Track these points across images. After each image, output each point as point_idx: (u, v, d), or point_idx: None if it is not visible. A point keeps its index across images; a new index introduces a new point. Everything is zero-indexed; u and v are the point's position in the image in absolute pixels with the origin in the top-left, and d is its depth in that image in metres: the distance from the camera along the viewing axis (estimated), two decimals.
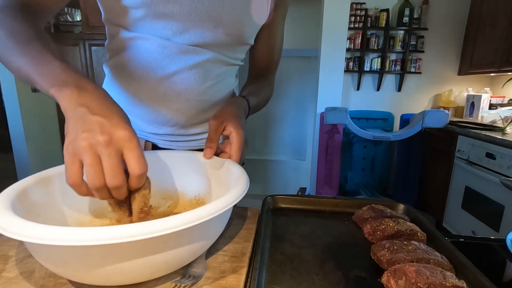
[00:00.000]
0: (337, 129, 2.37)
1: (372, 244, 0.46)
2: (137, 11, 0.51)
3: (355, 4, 2.56)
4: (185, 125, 0.64)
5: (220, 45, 0.59)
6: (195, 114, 0.63)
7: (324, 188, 2.48)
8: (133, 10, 0.51)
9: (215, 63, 0.61)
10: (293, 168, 3.59)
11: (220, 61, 0.61)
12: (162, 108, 0.61)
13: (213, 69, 0.61)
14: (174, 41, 0.55)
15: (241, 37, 0.61)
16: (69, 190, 0.47)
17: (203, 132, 0.67)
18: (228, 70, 0.65)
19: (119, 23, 0.55)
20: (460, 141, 2.04)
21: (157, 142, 0.65)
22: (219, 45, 0.59)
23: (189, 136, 0.66)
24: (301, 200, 0.61)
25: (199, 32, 0.55)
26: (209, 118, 0.57)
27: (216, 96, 0.65)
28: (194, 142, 0.68)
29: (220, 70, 0.62)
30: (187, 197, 0.55)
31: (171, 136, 0.65)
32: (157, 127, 0.63)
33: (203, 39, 0.56)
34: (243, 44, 0.64)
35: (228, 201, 0.36)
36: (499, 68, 2.11)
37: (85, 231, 0.27)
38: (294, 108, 3.54)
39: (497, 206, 1.69)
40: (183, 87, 0.59)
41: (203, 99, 0.62)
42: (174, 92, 0.59)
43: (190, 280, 0.37)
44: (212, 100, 0.64)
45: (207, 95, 0.62)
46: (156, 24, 0.53)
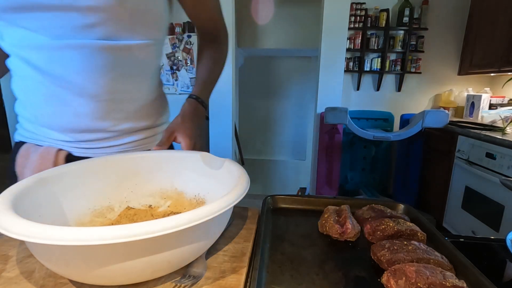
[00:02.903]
0: (337, 129, 2.37)
1: (372, 244, 0.46)
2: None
3: (355, 4, 2.56)
4: (96, 129, 0.57)
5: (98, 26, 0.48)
6: (104, 117, 0.56)
7: (324, 188, 2.48)
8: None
9: (101, 55, 0.51)
10: (293, 168, 3.59)
11: (108, 50, 0.51)
12: (62, 114, 0.54)
13: (106, 60, 0.52)
14: (45, 39, 0.48)
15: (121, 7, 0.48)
16: (68, 190, 0.47)
17: (123, 135, 0.61)
18: (132, 54, 0.55)
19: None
20: (460, 141, 2.04)
21: (71, 150, 0.58)
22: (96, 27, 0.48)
23: (105, 141, 0.59)
24: (301, 200, 0.61)
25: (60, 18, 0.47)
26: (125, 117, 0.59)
27: (124, 92, 0.57)
28: (115, 148, 0.61)
29: (118, 58, 0.53)
30: (187, 197, 0.55)
31: (83, 142, 0.58)
32: (66, 134, 0.57)
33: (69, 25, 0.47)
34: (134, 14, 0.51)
35: (229, 201, 0.36)
36: (499, 68, 2.11)
37: (87, 230, 0.28)
38: (294, 108, 3.54)
39: (497, 206, 1.68)
40: (74, 90, 0.52)
41: (105, 99, 0.55)
42: (66, 96, 0.53)
43: (190, 280, 0.37)
44: (120, 97, 0.57)
45: (109, 93, 0.54)
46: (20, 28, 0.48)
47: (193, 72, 2.37)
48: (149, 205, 0.54)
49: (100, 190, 0.51)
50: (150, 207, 0.54)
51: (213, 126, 2.49)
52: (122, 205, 0.53)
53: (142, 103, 0.62)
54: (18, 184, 0.40)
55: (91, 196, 0.50)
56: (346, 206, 0.55)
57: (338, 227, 0.49)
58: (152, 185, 0.56)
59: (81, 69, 0.51)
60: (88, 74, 0.52)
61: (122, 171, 0.55)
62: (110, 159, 0.54)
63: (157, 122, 0.67)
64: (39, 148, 0.56)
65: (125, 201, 0.54)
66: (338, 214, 0.53)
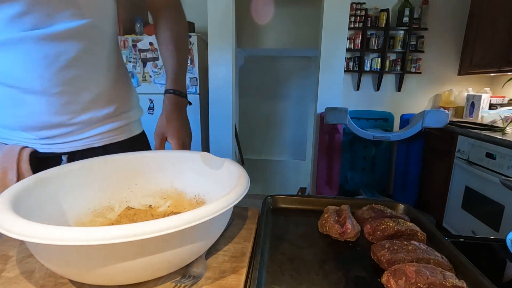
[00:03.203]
0: (337, 129, 2.37)
1: (372, 244, 0.46)
2: None
3: (355, 4, 2.56)
4: (55, 125, 0.56)
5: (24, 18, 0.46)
6: (59, 111, 0.54)
7: (324, 188, 2.48)
8: None
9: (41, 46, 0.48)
10: (293, 168, 3.59)
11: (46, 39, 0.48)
12: (18, 114, 0.53)
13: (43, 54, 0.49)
14: None
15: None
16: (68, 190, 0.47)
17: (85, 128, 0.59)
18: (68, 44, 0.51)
19: None
20: (460, 141, 2.04)
21: (36, 147, 0.57)
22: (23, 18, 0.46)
23: (67, 136, 0.58)
24: (301, 200, 0.61)
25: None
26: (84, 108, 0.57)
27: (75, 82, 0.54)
28: (79, 142, 0.59)
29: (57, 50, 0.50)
30: (187, 197, 0.55)
31: (46, 139, 0.57)
32: (28, 133, 0.56)
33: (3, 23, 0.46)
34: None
35: (229, 201, 0.36)
36: (499, 68, 2.11)
37: (88, 230, 0.28)
38: (294, 108, 3.54)
39: (497, 206, 1.68)
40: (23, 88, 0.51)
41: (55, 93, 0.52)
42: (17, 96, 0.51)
43: (190, 280, 0.37)
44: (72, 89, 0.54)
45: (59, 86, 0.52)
46: None
47: (193, 72, 2.37)
48: (149, 205, 0.54)
49: (100, 190, 0.51)
50: (150, 207, 0.54)
51: (213, 126, 2.49)
52: (122, 205, 0.53)
53: (98, 91, 0.58)
54: (18, 184, 0.40)
55: (91, 196, 0.50)
56: (346, 206, 0.55)
57: (338, 227, 0.49)
58: (152, 185, 0.56)
59: (23, 64, 0.49)
60: (32, 69, 0.50)
61: (122, 171, 0.55)
62: (110, 159, 0.54)
63: (122, 109, 0.64)
64: (4, 147, 0.56)
65: (125, 201, 0.54)
66: (338, 214, 0.53)
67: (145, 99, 2.44)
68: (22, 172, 0.54)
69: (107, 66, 0.60)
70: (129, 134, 0.68)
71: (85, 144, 0.60)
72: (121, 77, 0.65)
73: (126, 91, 0.66)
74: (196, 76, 2.38)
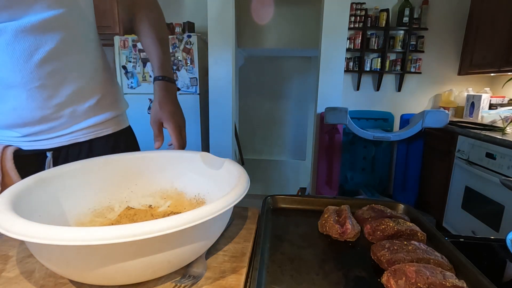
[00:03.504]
0: (337, 129, 2.37)
1: (372, 244, 0.46)
2: None
3: (355, 4, 2.56)
4: (38, 120, 0.54)
5: (8, 7, 0.45)
6: (40, 105, 0.53)
7: (324, 188, 2.48)
8: None
9: (19, 38, 0.48)
10: (293, 168, 3.59)
11: (24, 32, 0.47)
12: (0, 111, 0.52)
13: (22, 47, 0.48)
14: None
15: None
16: (68, 190, 0.47)
17: (69, 123, 0.58)
18: (45, 35, 0.50)
19: None
20: (460, 141, 2.04)
21: (20, 145, 0.56)
22: (8, 8, 0.45)
23: (52, 132, 0.57)
24: (301, 200, 0.61)
25: None
26: (66, 101, 0.56)
27: (55, 76, 0.53)
28: (64, 137, 0.58)
29: (35, 42, 0.49)
30: (187, 197, 0.55)
31: (30, 136, 0.56)
32: (11, 130, 0.55)
33: None
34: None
35: (229, 201, 0.36)
36: (499, 68, 2.11)
37: (87, 230, 0.28)
38: (294, 108, 3.54)
39: (497, 206, 1.69)
40: (2, 83, 0.50)
41: (36, 86, 0.51)
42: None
43: (190, 280, 0.37)
44: (53, 82, 0.53)
45: (39, 79, 0.51)
46: None
47: (193, 72, 2.37)
48: (149, 205, 0.54)
49: (100, 190, 0.51)
50: (150, 207, 0.54)
51: (213, 126, 2.49)
52: (122, 205, 0.53)
53: (79, 84, 0.58)
54: (18, 184, 0.40)
55: (91, 196, 0.50)
56: (346, 206, 0.55)
57: (338, 227, 0.49)
58: (152, 185, 0.56)
59: (2, 58, 0.48)
60: (11, 62, 0.49)
61: (122, 171, 0.55)
62: (110, 159, 0.54)
63: (106, 100, 0.63)
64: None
65: (125, 201, 0.54)
66: (338, 214, 0.53)
67: (145, 99, 2.44)
68: (6, 171, 0.53)
69: (88, 57, 0.59)
70: (116, 128, 0.67)
71: (70, 139, 0.59)
72: (103, 68, 0.64)
73: (108, 82, 0.65)
74: (196, 76, 2.38)
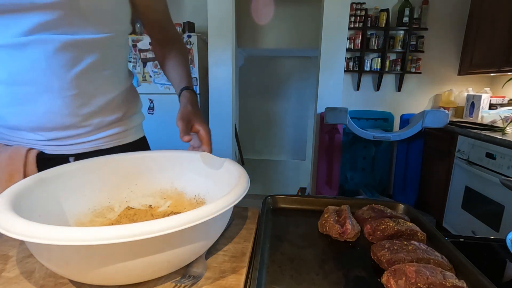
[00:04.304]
0: (337, 129, 2.37)
1: (372, 244, 0.46)
2: None
3: (355, 4, 2.56)
4: (66, 126, 0.56)
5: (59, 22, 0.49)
6: (73, 111, 0.56)
7: (324, 188, 2.48)
8: None
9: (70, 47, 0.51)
10: (293, 168, 3.59)
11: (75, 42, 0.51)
12: (29, 113, 0.54)
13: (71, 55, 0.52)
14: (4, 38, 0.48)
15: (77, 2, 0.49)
16: (68, 190, 0.47)
17: (95, 130, 0.60)
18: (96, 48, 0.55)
19: None
20: (460, 141, 2.04)
21: (42, 148, 0.57)
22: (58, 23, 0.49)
23: (77, 138, 0.59)
24: (301, 200, 0.61)
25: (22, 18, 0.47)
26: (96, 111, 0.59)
27: (92, 83, 0.57)
28: (88, 144, 0.61)
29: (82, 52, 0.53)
30: (187, 197, 0.55)
31: (55, 140, 0.57)
32: (36, 133, 0.56)
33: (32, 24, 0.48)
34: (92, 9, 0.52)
35: (229, 201, 0.36)
36: (499, 68, 2.11)
37: (87, 230, 0.28)
38: (294, 108, 3.54)
39: (497, 206, 1.69)
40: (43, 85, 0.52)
41: (75, 92, 0.54)
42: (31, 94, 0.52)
43: (190, 280, 0.37)
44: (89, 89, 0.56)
45: (78, 86, 0.54)
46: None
47: (193, 72, 2.37)
48: (149, 205, 0.54)
49: (100, 190, 0.51)
50: (150, 207, 0.54)
51: (213, 126, 2.49)
52: (122, 205, 0.53)
53: (111, 96, 0.61)
54: (18, 184, 0.40)
55: (91, 196, 0.50)
56: (346, 206, 0.55)
57: (338, 227, 0.49)
58: (152, 185, 0.56)
59: (45, 65, 0.51)
60: (53, 70, 0.51)
61: (122, 171, 0.55)
62: (110, 159, 0.54)
63: (127, 114, 0.66)
64: (8, 148, 0.55)
65: (125, 201, 0.54)
66: (338, 214, 0.53)
67: (145, 99, 2.44)
68: (28, 174, 0.54)
69: (120, 73, 0.64)
70: (134, 137, 0.70)
71: (93, 146, 0.62)
72: (130, 84, 0.69)
73: (133, 96, 0.70)
74: (196, 76, 2.38)
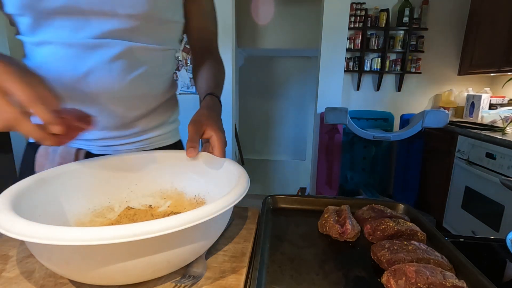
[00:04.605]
0: (337, 129, 2.38)
1: (372, 244, 0.46)
2: (24, 17, 0.47)
3: (355, 4, 2.56)
4: (116, 126, 0.58)
5: (132, 31, 0.52)
6: (125, 113, 0.58)
7: (324, 188, 2.48)
8: (20, 17, 0.48)
9: (134, 53, 0.54)
10: (293, 168, 3.59)
11: (140, 49, 0.55)
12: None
13: (133, 60, 0.55)
14: (77, 38, 0.50)
15: (154, 17, 0.53)
16: (68, 190, 0.47)
17: (143, 131, 0.63)
18: (155, 57, 0.58)
19: (17, 32, 0.51)
20: (460, 141, 2.04)
21: (90, 148, 0.59)
22: (131, 31, 0.52)
23: (125, 138, 0.61)
24: (301, 200, 0.61)
25: (99, 22, 0.49)
26: (143, 113, 0.61)
27: (145, 89, 0.59)
28: (133, 144, 0.62)
29: (142, 59, 0.56)
30: (187, 197, 0.55)
31: (104, 140, 0.59)
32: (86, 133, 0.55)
33: (106, 28, 0.50)
34: (163, 23, 0.56)
35: (229, 201, 0.36)
36: (499, 68, 2.11)
37: (87, 230, 0.27)
38: (294, 108, 3.54)
39: (497, 206, 1.69)
40: (102, 86, 0.53)
41: (129, 95, 0.56)
42: (92, 93, 0.53)
43: (190, 280, 0.37)
44: (142, 93, 0.58)
45: (133, 90, 0.56)
46: (51, 25, 0.48)
47: None
48: (149, 205, 0.54)
49: (100, 190, 0.51)
50: (150, 207, 0.54)
51: None
52: (122, 205, 0.53)
53: (158, 102, 0.64)
54: (18, 184, 0.40)
55: (91, 196, 0.50)
56: (346, 206, 0.55)
57: (338, 227, 0.49)
58: (152, 185, 0.56)
59: (108, 68, 0.52)
60: (114, 73, 0.53)
61: (122, 171, 0.55)
62: (110, 159, 0.54)
63: (169, 120, 0.70)
64: (57, 148, 0.56)
65: (125, 201, 0.54)
66: (338, 214, 0.53)
67: None
68: None
69: (168, 81, 0.66)
70: (173, 140, 0.72)
71: (137, 147, 0.63)
72: (174, 93, 0.72)
73: (175, 104, 0.72)
74: None
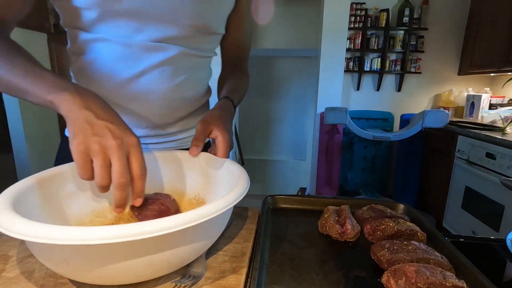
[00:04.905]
0: (337, 129, 2.37)
1: (372, 244, 0.46)
2: (90, 12, 0.49)
3: (355, 4, 2.56)
4: (158, 125, 0.61)
5: (186, 38, 0.56)
6: (167, 113, 0.61)
7: (324, 188, 2.48)
8: (86, 11, 0.49)
9: (183, 58, 0.58)
10: (293, 168, 3.59)
11: (189, 55, 0.58)
12: (132, 110, 0.58)
13: (181, 64, 0.58)
14: (136, 39, 0.52)
15: (207, 28, 0.58)
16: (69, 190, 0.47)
17: (179, 132, 0.66)
18: (199, 63, 0.62)
19: (76, 25, 0.52)
20: (460, 141, 2.04)
21: None
22: (185, 38, 0.56)
23: (164, 137, 0.64)
24: (301, 200, 0.61)
25: (160, 27, 0.52)
26: (183, 116, 0.64)
27: (187, 91, 0.62)
28: (171, 143, 0.65)
29: (189, 64, 0.60)
30: (187, 197, 0.55)
31: (144, 138, 0.62)
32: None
33: (166, 34, 0.53)
34: (211, 34, 0.60)
35: (229, 201, 0.36)
36: (499, 68, 2.11)
37: (87, 230, 0.27)
38: (294, 108, 3.54)
39: (497, 206, 1.69)
40: (151, 86, 0.56)
41: (174, 97, 0.60)
42: (142, 92, 0.56)
43: (190, 280, 0.37)
44: (184, 96, 0.62)
45: (178, 91, 0.60)
46: (114, 24, 0.50)
47: None
48: None
49: None
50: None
51: None
52: None
53: (197, 105, 0.67)
54: (18, 184, 0.40)
55: (91, 196, 0.50)
56: (346, 206, 0.55)
57: (338, 227, 0.49)
58: (152, 185, 0.56)
59: (161, 69, 0.55)
60: (166, 74, 0.56)
61: None
62: None
63: None
64: None
65: None
66: (338, 214, 0.53)
67: None
68: None
69: (205, 87, 0.69)
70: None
71: (177, 146, 0.66)
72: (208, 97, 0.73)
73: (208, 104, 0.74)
74: None
